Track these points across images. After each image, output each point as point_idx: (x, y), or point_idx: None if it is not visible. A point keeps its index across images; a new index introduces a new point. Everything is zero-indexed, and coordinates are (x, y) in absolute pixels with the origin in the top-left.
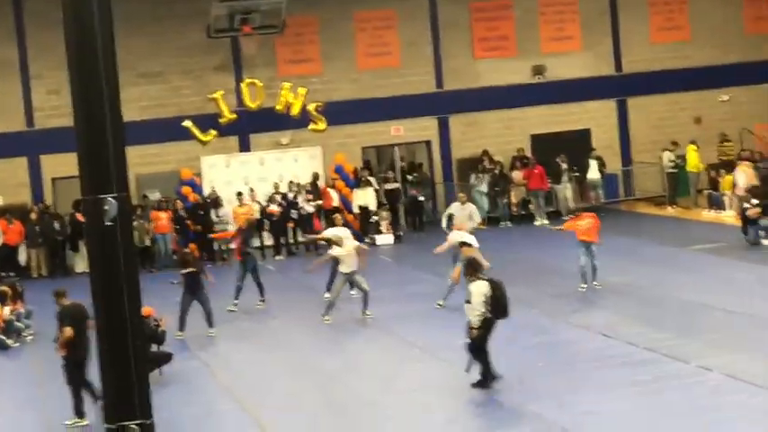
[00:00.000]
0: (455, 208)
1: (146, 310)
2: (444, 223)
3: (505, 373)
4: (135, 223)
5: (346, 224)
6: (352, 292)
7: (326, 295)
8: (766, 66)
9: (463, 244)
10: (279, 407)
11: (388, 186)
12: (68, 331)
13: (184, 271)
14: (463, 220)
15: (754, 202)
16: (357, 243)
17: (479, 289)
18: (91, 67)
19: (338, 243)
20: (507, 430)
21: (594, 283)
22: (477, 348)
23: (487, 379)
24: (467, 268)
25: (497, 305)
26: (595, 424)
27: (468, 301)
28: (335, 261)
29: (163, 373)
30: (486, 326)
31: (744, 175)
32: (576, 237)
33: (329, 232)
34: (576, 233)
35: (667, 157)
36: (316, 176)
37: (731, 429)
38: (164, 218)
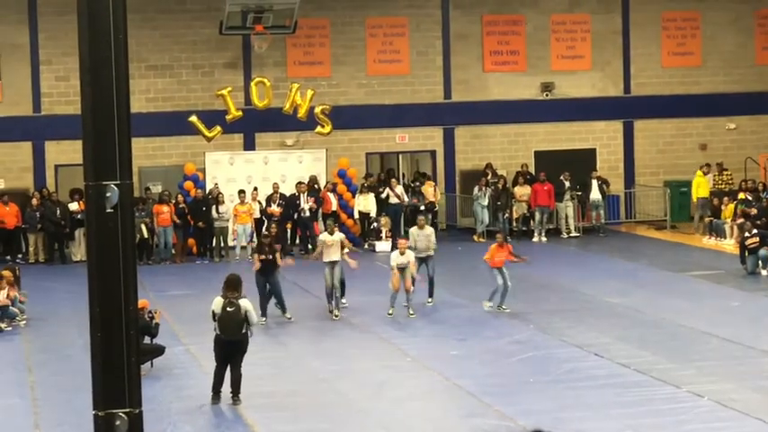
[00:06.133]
0: (415, 232)
1: (141, 302)
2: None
3: (497, 387)
4: (135, 215)
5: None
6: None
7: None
8: None
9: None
10: (267, 407)
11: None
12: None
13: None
14: (424, 242)
15: (754, 231)
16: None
17: (212, 305)
18: (101, 55)
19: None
20: None
21: (504, 306)
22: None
23: (215, 393)
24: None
25: (221, 324)
26: None
27: None
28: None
29: (154, 366)
30: (215, 341)
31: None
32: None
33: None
34: (489, 262)
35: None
36: (313, 179)
37: None
38: (165, 211)
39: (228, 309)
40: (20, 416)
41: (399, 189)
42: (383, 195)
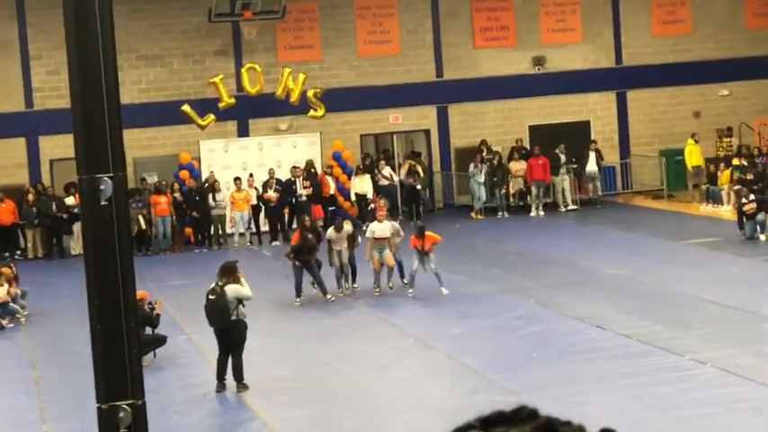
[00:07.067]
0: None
1: (140, 293)
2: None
3: (501, 363)
4: (132, 206)
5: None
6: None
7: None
8: (766, 61)
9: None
10: (272, 392)
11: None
12: None
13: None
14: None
15: (751, 197)
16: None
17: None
18: (89, 48)
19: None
20: None
21: (442, 289)
22: None
23: (219, 381)
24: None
25: (205, 314)
26: (589, 415)
27: None
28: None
29: (157, 356)
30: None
31: None
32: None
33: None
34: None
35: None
36: (310, 163)
37: (723, 423)
38: (163, 201)
39: (210, 297)
40: (26, 411)
41: (387, 170)
42: (377, 179)
